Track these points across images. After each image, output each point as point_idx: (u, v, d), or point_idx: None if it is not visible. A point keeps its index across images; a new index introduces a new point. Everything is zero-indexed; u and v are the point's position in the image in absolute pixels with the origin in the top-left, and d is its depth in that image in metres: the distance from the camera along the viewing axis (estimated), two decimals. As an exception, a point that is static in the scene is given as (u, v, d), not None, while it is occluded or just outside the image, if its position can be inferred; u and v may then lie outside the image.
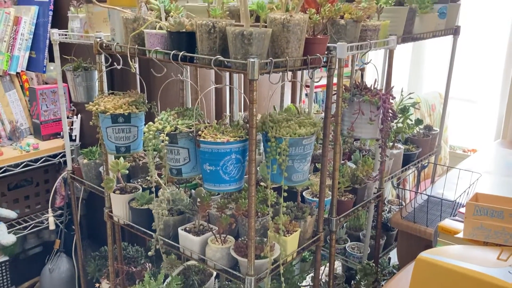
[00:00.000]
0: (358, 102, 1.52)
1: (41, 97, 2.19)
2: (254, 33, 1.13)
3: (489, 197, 1.60)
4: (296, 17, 1.19)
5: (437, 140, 2.27)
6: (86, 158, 1.87)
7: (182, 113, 1.37)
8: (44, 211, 2.26)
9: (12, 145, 2.13)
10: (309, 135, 1.22)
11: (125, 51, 1.40)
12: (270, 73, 1.18)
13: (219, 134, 1.22)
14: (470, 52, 3.40)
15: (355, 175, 1.70)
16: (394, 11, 1.71)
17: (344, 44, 1.38)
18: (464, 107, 3.56)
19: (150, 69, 1.47)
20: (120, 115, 1.42)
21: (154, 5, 1.43)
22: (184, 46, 1.27)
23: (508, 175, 2.36)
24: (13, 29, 2.18)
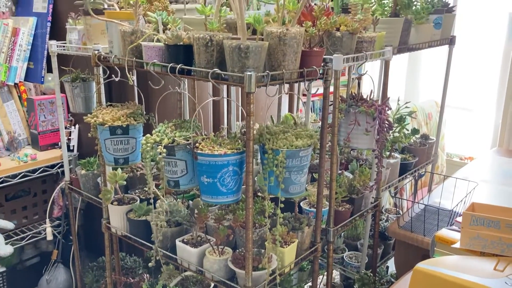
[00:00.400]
0: (354, 113, 1.53)
1: (39, 107, 2.20)
2: (251, 46, 1.14)
3: (485, 207, 1.61)
4: (292, 30, 1.20)
5: (434, 149, 2.28)
6: (84, 169, 1.87)
7: (179, 125, 1.38)
8: (42, 222, 2.25)
9: (10, 156, 2.13)
10: (306, 147, 1.23)
11: (123, 64, 1.41)
12: (267, 85, 1.19)
13: (216, 146, 1.23)
14: (466, 60, 3.43)
15: (352, 185, 1.71)
16: (390, 22, 1.72)
17: (340, 56, 1.39)
18: (461, 115, 3.59)
19: (148, 81, 1.47)
20: (118, 127, 1.43)
21: (152, 18, 1.45)
22: (181, 59, 1.28)
23: (505, 183, 2.38)
24: (11, 40, 2.19)
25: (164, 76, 1.35)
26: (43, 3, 2.22)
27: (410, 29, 1.85)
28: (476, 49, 3.43)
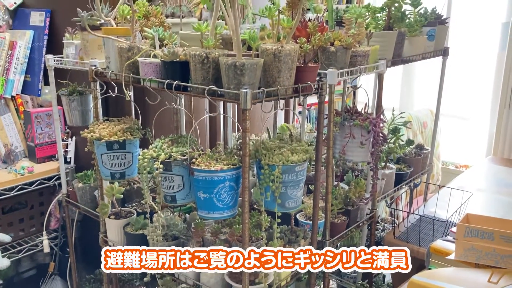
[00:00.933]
0: (349, 126, 1.55)
1: (36, 120, 2.21)
2: (246, 64, 1.15)
3: (479, 218, 1.62)
4: (287, 47, 1.22)
5: (429, 159, 2.30)
6: (81, 182, 1.88)
7: (176, 140, 1.39)
8: (39, 234, 2.25)
9: (7, 169, 2.14)
10: (301, 162, 1.24)
11: (120, 79, 1.42)
12: (262, 102, 1.20)
13: (212, 162, 1.24)
14: (461, 69, 3.47)
15: (347, 196, 1.72)
16: (384, 35, 1.75)
17: (334, 71, 1.41)
18: (456, 123, 3.61)
19: (144, 96, 1.49)
20: (115, 142, 1.44)
21: (149, 34, 1.46)
22: (178, 75, 1.30)
23: (499, 192, 2.40)
24: (8, 53, 2.20)
25: (160, 91, 1.36)
26: (40, 16, 2.23)
27: (403, 41, 1.87)
28: (470, 58, 3.46)
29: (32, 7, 2.29)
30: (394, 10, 1.78)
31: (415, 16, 1.93)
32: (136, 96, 1.82)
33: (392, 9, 1.77)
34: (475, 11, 3.40)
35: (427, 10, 2.01)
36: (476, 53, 3.45)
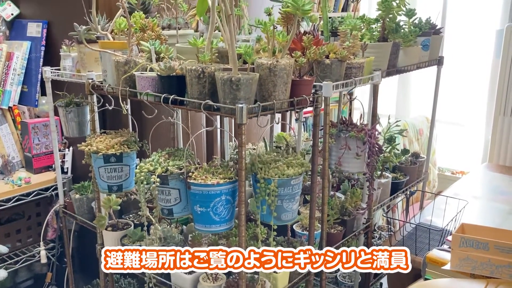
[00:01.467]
0: (344, 137, 1.56)
1: (33, 130, 2.21)
2: (242, 79, 1.17)
3: (475, 227, 1.64)
4: (282, 62, 1.23)
5: (424, 167, 2.31)
6: (78, 193, 1.89)
7: (173, 153, 1.40)
8: (36, 244, 2.26)
9: (4, 180, 2.14)
10: (297, 175, 1.25)
11: (116, 93, 1.43)
12: (258, 116, 1.21)
13: (209, 176, 1.25)
14: (456, 75, 3.49)
15: (344, 207, 1.73)
16: (378, 47, 1.76)
17: (330, 83, 1.42)
18: (452, 130, 3.63)
19: (141, 109, 1.50)
20: (112, 155, 1.44)
21: (145, 47, 1.47)
22: (174, 89, 1.31)
23: (495, 200, 2.41)
24: (6, 65, 2.21)
25: (157, 105, 1.37)
26: (37, 27, 2.24)
27: (398, 52, 1.89)
28: (465, 64, 3.49)
29: (29, 18, 2.30)
30: (389, 21, 1.79)
31: (409, 27, 1.95)
32: (133, 108, 1.83)
33: (386, 21, 1.79)
34: (470, 18, 3.43)
35: (422, 20, 2.03)
36: (471, 59, 3.48)
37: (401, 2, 1.79)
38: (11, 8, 2.30)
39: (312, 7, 1.58)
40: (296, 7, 1.19)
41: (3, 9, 2.29)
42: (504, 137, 2.95)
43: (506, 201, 2.37)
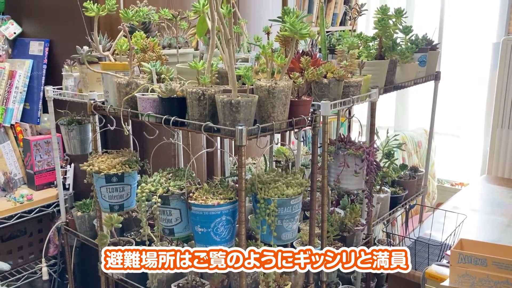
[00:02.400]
0: (343, 155, 1.58)
1: (35, 148, 2.24)
2: (242, 101, 1.19)
3: (473, 243, 1.65)
4: (281, 84, 1.26)
5: (423, 181, 2.33)
6: (80, 210, 1.90)
7: (174, 173, 1.42)
8: (38, 261, 2.27)
9: (6, 197, 2.16)
10: (296, 195, 1.27)
11: (118, 114, 1.45)
12: (257, 137, 1.24)
13: (209, 196, 1.27)
14: (455, 87, 3.52)
15: (343, 223, 1.75)
16: (376, 64, 1.79)
17: (328, 102, 1.45)
18: (451, 142, 3.66)
19: (143, 128, 1.52)
20: (114, 175, 1.46)
21: (146, 68, 1.50)
22: (175, 111, 1.33)
23: (494, 213, 2.43)
24: (8, 83, 2.24)
25: (158, 126, 1.39)
26: (39, 46, 2.27)
27: (395, 68, 1.91)
28: (463, 76, 3.53)
29: (31, 37, 2.33)
30: (385, 39, 1.82)
31: (406, 43, 1.98)
32: (134, 128, 1.86)
33: (383, 39, 1.82)
34: (467, 31, 3.47)
35: (418, 36, 2.06)
36: (469, 72, 3.51)
37: (398, 20, 1.82)
38: (13, 27, 2.33)
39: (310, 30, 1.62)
40: (294, 31, 1.21)
41: (6, 28, 2.32)
42: (502, 149, 2.97)
43: (504, 214, 2.39)
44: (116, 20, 1.91)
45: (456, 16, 3.47)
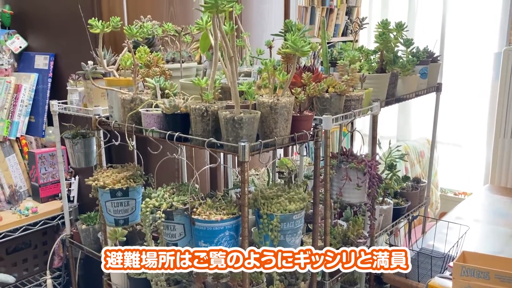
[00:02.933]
0: (345, 168, 1.59)
1: (40, 160, 2.26)
2: (244, 118, 1.21)
3: (476, 255, 1.66)
4: (283, 100, 1.27)
5: (426, 192, 2.34)
6: (85, 223, 1.92)
7: (178, 188, 1.43)
8: (42, 273, 2.27)
9: (11, 209, 2.17)
10: (299, 210, 1.28)
11: (123, 129, 1.47)
12: (260, 153, 1.25)
13: (212, 211, 1.28)
14: (457, 97, 3.54)
15: (346, 235, 1.75)
16: (377, 78, 1.80)
17: (329, 116, 1.46)
18: (453, 151, 3.66)
19: (146, 143, 1.54)
20: (119, 189, 1.48)
21: (150, 84, 1.52)
22: (179, 127, 1.35)
23: (496, 223, 2.43)
24: (14, 97, 2.27)
25: (162, 141, 1.41)
26: (44, 60, 2.30)
27: (396, 81, 1.93)
28: (465, 86, 3.54)
29: (36, 51, 2.36)
30: (387, 53, 1.84)
31: (407, 56, 2.00)
32: (138, 142, 1.87)
33: (384, 52, 1.83)
34: (468, 41, 3.49)
35: (419, 49, 2.07)
36: (470, 81, 3.53)
37: (399, 34, 1.84)
38: (19, 41, 2.37)
39: (311, 44, 1.64)
40: (296, 49, 1.23)
41: (12, 42, 2.36)
42: (505, 159, 2.98)
43: (507, 224, 2.39)
44: (120, 34, 1.94)
45: (458, 26, 3.49)
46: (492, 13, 3.32)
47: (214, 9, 1.18)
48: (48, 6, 2.25)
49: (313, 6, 3.44)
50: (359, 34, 2.89)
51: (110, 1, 2.05)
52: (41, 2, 2.28)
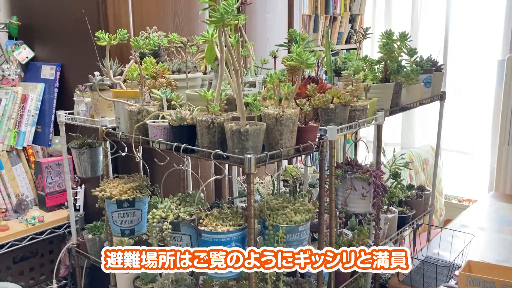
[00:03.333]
0: (350, 178, 1.60)
1: (46, 170, 2.27)
2: (250, 130, 1.22)
3: (481, 265, 1.66)
4: (288, 112, 1.29)
5: (430, 200, 2.34)
6: (91, 233, 1.93)
7: (184, 199, 1.44)
8: (49, 282, 2.29)
9: (18, 219, 2.19)
10: (304, 221, 1.29)
11: (129, 140, 1.49)
12: (266, 164, 1.26)
13: (219, 223, 1.29)
14: (461, 104, 3.54)
15: (351, 245, 1.76)
16: (381, 87, 1.81)
17: (334, 127, 1.47)
18: (458, 158, 3.66)
19: (153, 154, 1.55)
20: (125, 200, 1.49)
21: (157, 96, 1.54)
22: (185, 138, 1.37)
23: (502, 231, 2.42)
24: (21, 107, 2.29)
25: (168, 152, 1.42)
26: (50, 70, 2.33)
27: (401, 90, 1.94)
28: (469, 92, 3.55)
29: (43, 61, 2.39)
30: (390, 63, 1.85)
31: (411, 65, 2.01)
32: (145, 152, 1.89)
33: (388, 62, 1.84)
34: (472, 48, 3.50)
35: (423, 58, 2.08)
36: (474, 88, 3.53)
37: (402, 44, 1.85)
38: (26, 51, 2.39)
39: (316, 53, 1.65)
40: (301, 61, 1.25)
41: (19, 52, 2.38)
42: (509, 166, 2.97)
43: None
44: (126, 45, 1.96)
45: (461, 34, 3.50)
46: (495, 20, 3.33)
47: (220, 23, 1.20)
48: (54, 17, 2.28)
49: (317, 15, 3.46)
50: (362, 44, 2.91)
51: (116, 12, 2.08)
52: (48, 13, 2.31)
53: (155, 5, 2.22)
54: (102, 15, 2.06)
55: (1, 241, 2.02)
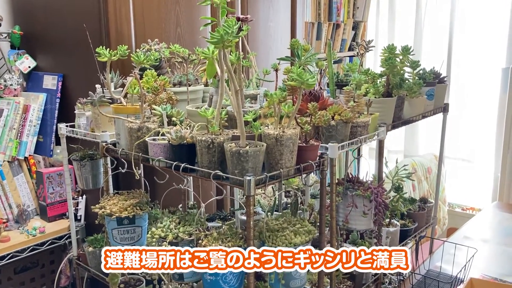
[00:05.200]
0: (351, 195, 1.59)
1: (48, 180, 2.28)
2: (250, 151, 1.21)
3: (483, 283, 1.65)
4: (288, 132, 1.28)
5: (433, 212, 2.32)
6: (91, 246, 1.93)
7: (183, 217, 1.44)
8: (49, 292, 2.30)
9: (19, 229, 2.19)
10: (304, 243, 1.28)
11: (130, 157, 1.48)
12: (265, 186, 1.25)
13: (218, 244, 1.28)
14: (465, 112, 3.51)
15: (352, 260, 1.75)
16: (383, 102, 1.80)
17: (335, 144, 1.46)
18: (461, 166, 3.64)
19: (153, 171, 1.54)
20: (125, 217, 1.49)
21: (157, 112, 1.53)
22: (185, 157, 1.36)
23: (505, 243, 2.41)
24: (22, 117, 2.29)
25: (168, 170, 1.42)
26: (52, 80, 2.33)
27: (403, 104, 1.92)
28: (473, 101, 3.52)
29: (45, 71, 2.39)
30: (393, 77, 1.84)
31: (414, 78, 1.99)
32: (145, 167, 1.88)
33: (390, 76, 1.83)
34: (477, 57, 3.47)
35: (426, 70, 2.07)
36: (478, 96, 3.51)
37: (405, 58, 1.84)
38: (28, 61, 2.39)
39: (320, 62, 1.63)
40: (301, 81, 1.24)
41: (21, 62, 2.38)
42: (513, 176, 2.96)
43: (516, 245, 2.37)
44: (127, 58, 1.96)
45: (465, 42, 3.48)
46: (499, 29, 3.31)
47: (220, 44, 1.19)
48: (57, 27, 2.28)
49: (320, 22, 3.44)
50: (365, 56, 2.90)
51: (118, 23, 2.07)
52: (50, 23, 2.31)
53: (157, 15, 2.21)
54: (104, 25, 2.05)
55: (2, 253, 2.03)
